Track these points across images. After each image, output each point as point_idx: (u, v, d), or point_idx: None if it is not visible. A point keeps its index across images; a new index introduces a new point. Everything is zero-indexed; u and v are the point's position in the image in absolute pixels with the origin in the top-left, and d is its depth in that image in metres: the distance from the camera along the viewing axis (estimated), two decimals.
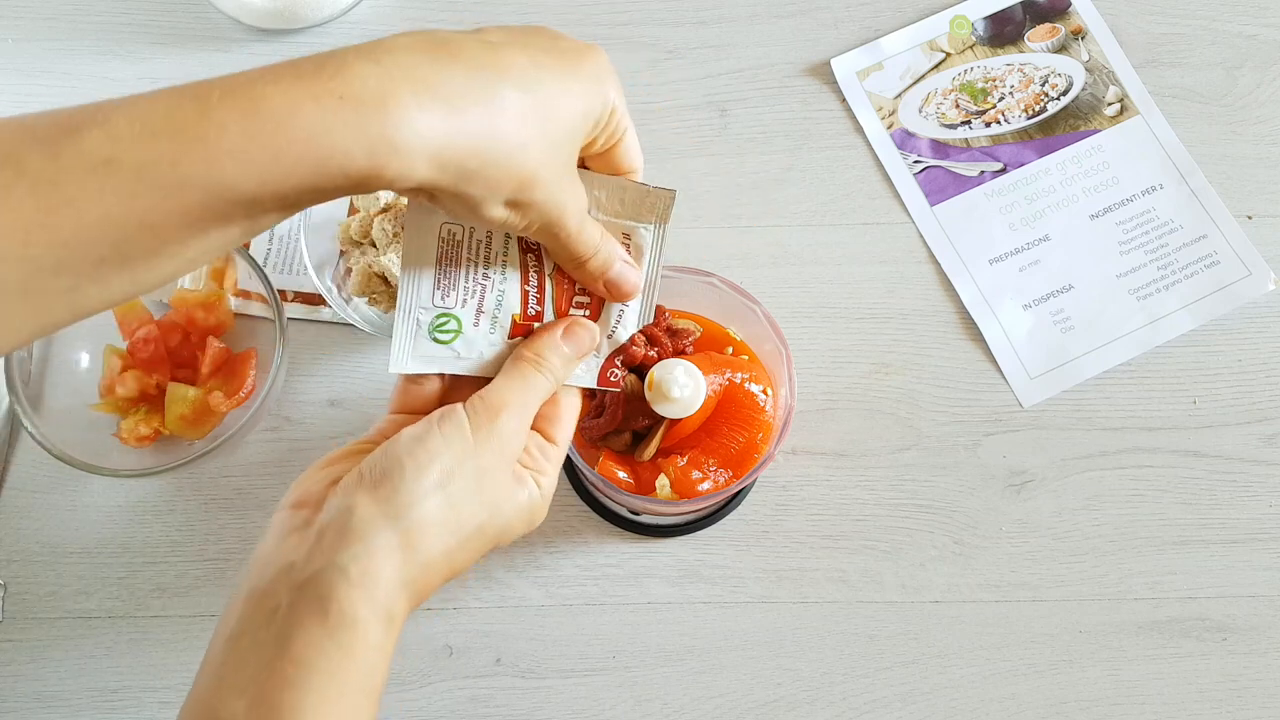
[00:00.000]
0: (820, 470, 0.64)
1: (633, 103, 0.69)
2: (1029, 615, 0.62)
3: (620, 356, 0.47)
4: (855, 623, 0.62)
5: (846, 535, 0.63)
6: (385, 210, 0.61)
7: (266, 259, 0.67)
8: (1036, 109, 0.71)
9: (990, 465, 0.64)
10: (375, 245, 0.61)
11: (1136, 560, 0.63)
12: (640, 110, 0.70)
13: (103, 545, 0.62)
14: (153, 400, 0.62)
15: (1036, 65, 0.71)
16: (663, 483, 0.53)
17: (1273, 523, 0.63)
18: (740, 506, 0.63)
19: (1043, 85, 0.71)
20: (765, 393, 0.54)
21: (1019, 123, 0.70)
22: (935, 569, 0.62)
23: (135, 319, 0.63)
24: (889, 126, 0.70)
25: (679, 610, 0.62)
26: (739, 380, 0.54)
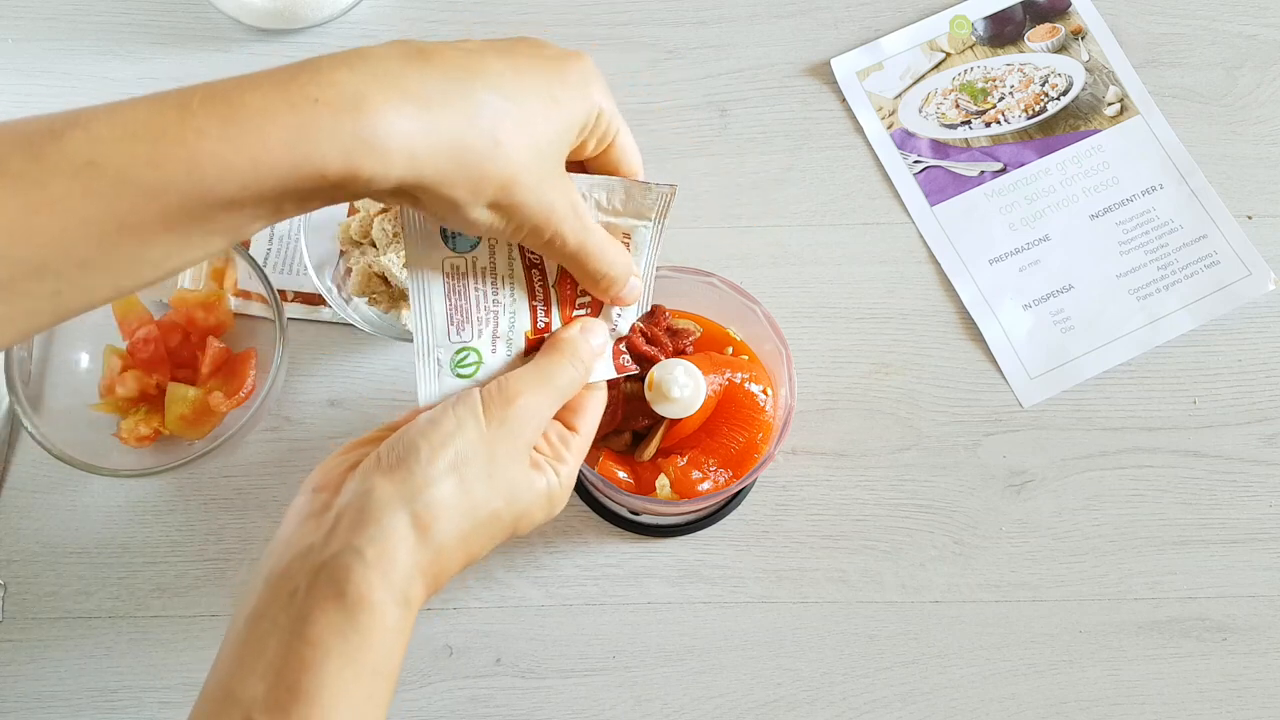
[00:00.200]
0: (820, 470, 0.64)
1: (633, 103, 0.70)
2: (1029, 615, 0.62)
3: (624, 343, 0.48)
4: (855, 623, 0.62)
5: (846, 535, 0.63)
6: (385, 210, 0.61)
7: (266, 259, 0.67)
8: (1036, 109, 0.71)
9: (990, 465, 0.64)
10: (375, 245, 0.61)
11: (1136, 560, 0.63)
12: (640, 110, 0.70)
13: (103, 545, 0.62)
14: (153, 400, 0.62)
15: (1036, 65, 0.71)
16: (663, 483, 0.53)
17: (1273, 523, 0.63)
18: (740, 506, 0.63)
19: (1043, 85, 0.71)
20: (765, 393, 0.54)
21: (1019, 123, 0.70)
22: (935, 569, 0.62)
23: (135, 319, 0.63)
24: (889, 126, 0.70)
25: (679, 610, 0.62)
26: (739, 380, 0.54)
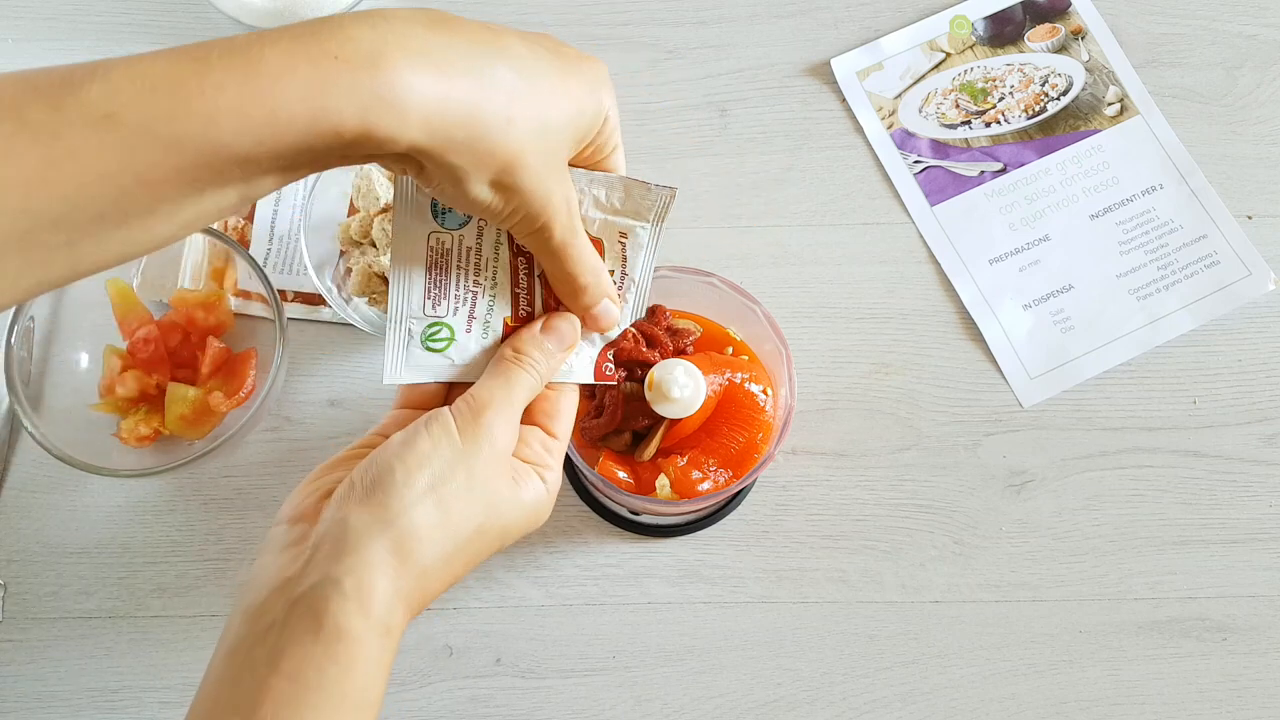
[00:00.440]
0: (820, 470, 0.64)
1: (633, 103, 0.70)
2: (1029, 615, 0.62)
3: (612, 350, 0.47)
4: (855, 623, 0.62)
5: (846, 535, 0.63)
6: (385, 210, 0.61)
7: (266, 259, 0.67)
8: (1036, 109, 0.71)
9: (990, 465, 0.64)
10: (375, 245, 0.61)
11: (1136, 560, 0.63)
12: (640, 110, 0.70)
13: (103, 545, 0.62)
14: (153, 400, 0.62)
15: (1036, 65, 0.71)
16: (663, 483, 0.53)
17: (1273, 523, 0.63)
18: (740, 506, 0.63)
19: (1043, 85, 0.71)
20: (765, 393, 0.54)
21: (1019, 123, 0.70)
22: (935, 569, 0.62)
23: (135, 319, 0.63)
24: (889, 126, 0.70)
25: (679, 610, 0.62)
26: (739, 380, 0.54)
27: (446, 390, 0.45)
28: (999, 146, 0.70)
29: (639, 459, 0.54)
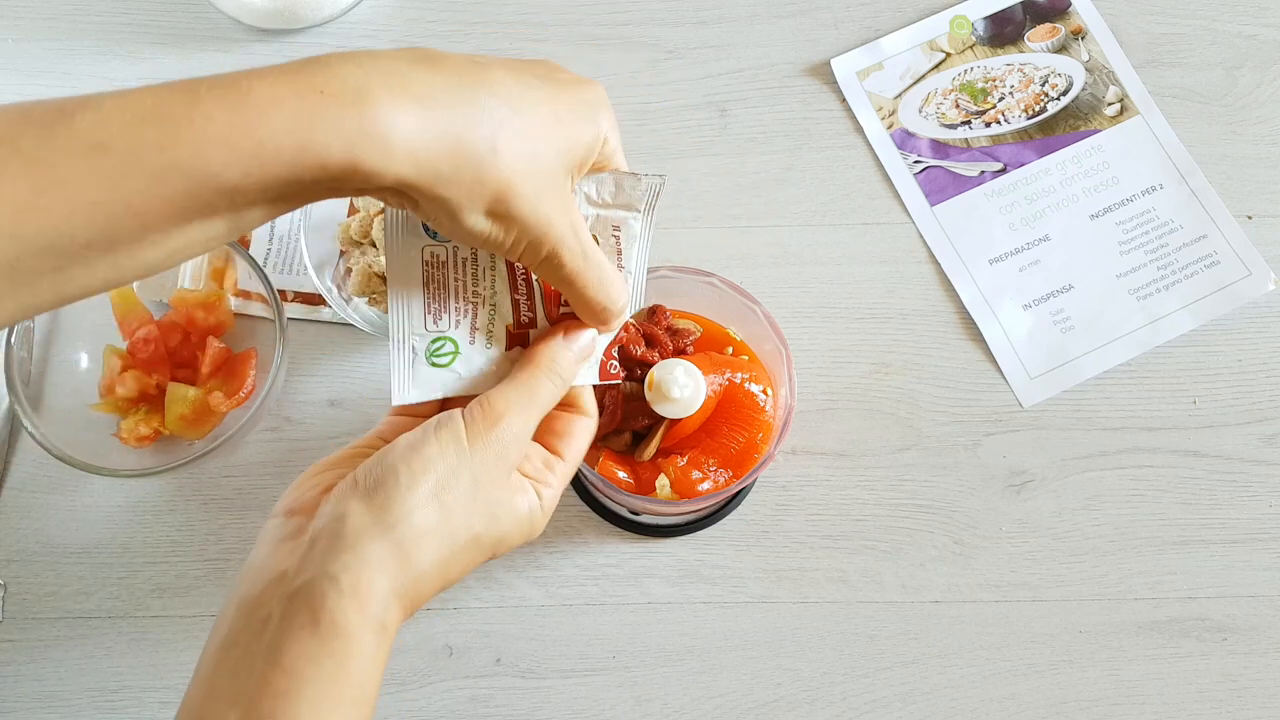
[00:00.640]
0: (820, 470, 0.64)
1: (633, 102, 0.70)
2: (1029, 615, 0.62)
3: (614, 348, 0.47)
4: (855, 623, 0.62)
5: (846, 535, 0.63)
6: (385, 211, 0.61)
7: (266, 259, 0.67)
8: (1036, 109, 0.71)
9: (990, 465, 0.64)
10: (375, 245, 0.61)
11: (1136, 560, 0.63)
12: (640, 110, 0.70)
13: (103, 545, 0.62)
14: (153, 400, 0.62)
15: (1036, 65, 0.71)
16: (663, 483, 0.53)
17: (1273, 523, 0.63)
18: (740, 506, 0.63)
19: (1043, 85, 0.71)
20: (765, 393, 0.54)
21: (1019, 123, 0.70)
22: (935, 569, 0.62)
23: (135, 319, 0.63)
24: (889, 126, 0.70)
25: (679, 610, 0.62)
26: (739, 380, 0.54)
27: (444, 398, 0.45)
28: (999, 146, 0.70)
29: (639, 459, 0.54)
